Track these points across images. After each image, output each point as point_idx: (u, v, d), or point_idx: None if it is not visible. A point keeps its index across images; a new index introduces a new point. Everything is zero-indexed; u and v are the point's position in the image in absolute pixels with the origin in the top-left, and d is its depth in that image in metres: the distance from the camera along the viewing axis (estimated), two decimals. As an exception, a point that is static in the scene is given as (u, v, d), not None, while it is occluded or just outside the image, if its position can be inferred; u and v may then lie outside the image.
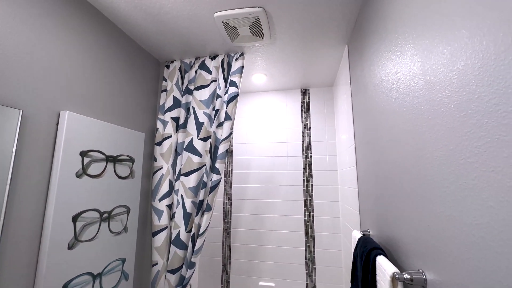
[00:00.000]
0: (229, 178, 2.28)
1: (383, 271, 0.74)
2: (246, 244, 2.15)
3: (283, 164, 2.20)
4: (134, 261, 1.40)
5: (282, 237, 2.10)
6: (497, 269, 0.41)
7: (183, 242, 1.47)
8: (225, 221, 2.23)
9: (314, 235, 2.05)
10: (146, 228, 1.57)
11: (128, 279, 1.35)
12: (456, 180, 0.51)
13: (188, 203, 1.50)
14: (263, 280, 2.07)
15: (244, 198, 2.22)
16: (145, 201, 1.57)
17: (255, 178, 2.23)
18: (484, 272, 0.44)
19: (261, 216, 2.16)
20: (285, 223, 2.11)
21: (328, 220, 2.05)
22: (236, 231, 2.19)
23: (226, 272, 2.15)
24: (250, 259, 2.12)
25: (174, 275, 1.45)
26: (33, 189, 0.93)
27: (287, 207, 2.13)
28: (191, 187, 1.52)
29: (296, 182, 2.15)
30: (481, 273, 0.44)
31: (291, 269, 2.04)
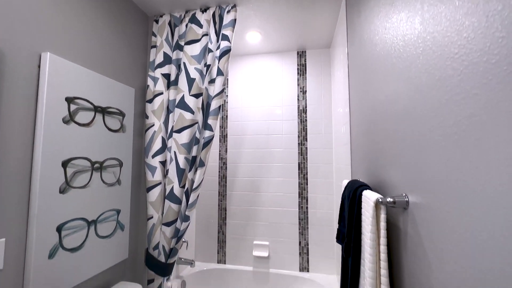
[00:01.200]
0: (224, 143, 2.28)
1: (368, 200, 0.75)
2: (241, 206, 2.20)
3: (278, 128, 2.19)
4: (129, 213, 1.43)
5: (276, 199, 2.14)
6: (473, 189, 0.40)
7: (177, 197, 1.50)
8: (221, 184, 2.26)
9: (308, 196, 2.09)
10: (141, 183, 1.59)
11: (124, 230, 1.38)
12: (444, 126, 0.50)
13: (181, 160, 1.50)
14: (258, 239, 2.14)
15: (239, 162, 2.24)
16: (138, 158, 1.57)
17: (250, 142, 2.23)
18: (460, 194, 0.43)
19: (256, 179, 2.19)
20: (280, 186, 2.14)
21: (322, 182, 2.07)
22: (231, 194, 2.23)
23: (222, 232, 2.22)
24: (245, 220, 2.18)
25: (169, 227, 1.49)
26: (19, 132, 0.92)
27: (282, 170, 2.15)
28: (183, 143, 1.51)
29: (291, 145, 2.15)
30: (457, 195, 0.44)
31: (285, 229, 2.10)
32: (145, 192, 1.59)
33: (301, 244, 2.07)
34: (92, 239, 1.18)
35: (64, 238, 1.05)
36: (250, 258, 2.14)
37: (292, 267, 2.07)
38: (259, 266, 2.11)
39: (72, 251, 1.08)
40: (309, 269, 2.04)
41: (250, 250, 2.14)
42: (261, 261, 2.11)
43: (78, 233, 1.11)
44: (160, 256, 1.49)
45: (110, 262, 1.28)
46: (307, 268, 2.04)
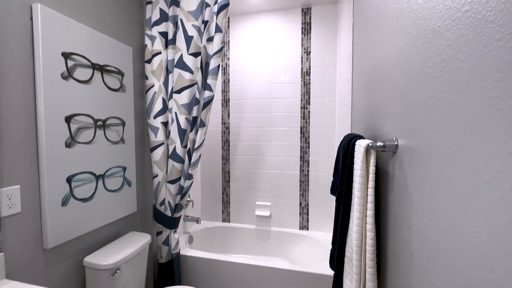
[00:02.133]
0: (227, 108, 2.28)
1: (359, 148, 0.76)
2: (244, 169, 2.26)
3: (280, 91, 2.15)
4: (135, 171, 1.50)
5: (278, 162, 2.18)
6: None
7: (179, 156, 1.55)
8: (224, 148, 2.30)
9: (309, 160, 2.12)
10: (144, 143, 1.64)
11: (131, 186, 1.47)
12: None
13: (182, 120, 1.52)
14: (260, 200, 2.24)
15: (242, 127, 2.25)
16: (140, 118, 1.60)
17: (253, 106, 2.22)
18: (439, 136, 0.43)
19: (258, 143, 2.22)
20: (281, 150, 2.17)
21: (324, 145, 2.08)
22: (234, 158, 2.28)
23: (226, 194, 2.32)
24: (248, 183, 2.26)
25: (173, 185, 1.56)
26: (20, 87, 0.94)
27: (284, 134, 2.16)
28: (184, 104, 1.52)
29: (293, 109, 2.13)
30: (437, 137, 0.44)
31: (286, 190, 2.18)
32: (149, 152, 1.65)
33: (301, 205, 2.15)
34: (101, 192, 1.26)
35: (75, 188, 1.12)
36: (253, 217, 2.26)
37: (293, 226, 2.18)
38: (261, 225, 2.23)
39: (83, 201, 1.16)
40: (308, 227, 2.15)
41: (253, 210, 2.26)
42: (263, 220, 2.23)
43: (88, 185, 1.18)
44: (167, 211, 1.59)
45: (119, 214, 1.38)
46: (306, 227, 2.15)
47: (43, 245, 1.02)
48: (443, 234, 0.44)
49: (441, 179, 0.45)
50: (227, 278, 1.68)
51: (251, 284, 1.63)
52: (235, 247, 2.24)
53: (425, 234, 0.51)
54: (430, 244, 0.49)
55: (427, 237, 0.50)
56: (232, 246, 2.25)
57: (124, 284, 1.23)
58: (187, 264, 1.75)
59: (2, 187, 0.88)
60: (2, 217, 0.89)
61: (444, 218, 0.43)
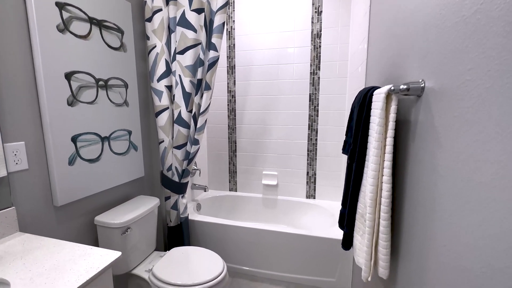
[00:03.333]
0: (232, 75, 2.19)
1: (378, 95, 0.69)
2: (251, 138, 2.23)
3: (289, 56, 2.04)
4: (140, 135, 1.47)
5: (286, 131, 2.13)
6: None
7: (185, 121, 1.51)
8: (230, 118, 2.25)
9: (318, 128, 2.06)
10: (149, 108, 1.60)
11: (138, 150, 1.45)
12: None
13: (187, 83, 1.46)
14: (267, 170, 2.23)
15: (248, 95, 2.17)
16: (143, 81, 1.54)
17: (259, 73, 2.12)
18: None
19: (265, 112, 2.15)
20: (289, 118, 2.11)
21: (333, 113, 2.01)
22: (240, 127, 2.24)
23: (233, 164, 2.32)
24: (254, 152, 2.24)
25: (180, 150, 1.55)
26: (15, 40, 0.89)
27: (292, 102, 2.08)
28: (188, 65, 1.45)
29: (302, 75, 2.03)
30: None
31: (293, 160, 2.15)
32: (154, 117, 1.61)
33: (308, 174, 2.13)
34: (108, 154, 1.25)
35: (81, 149, 1.11)
36: (260, 186, 2.26)
37: (299, 195, 2.18)
38: (268, 194, 2.24)
39: (90, 162, 1.15)
40: (315, 196, 2.15)
41: (260, 179, 2.25)
42: (270, 189, 2.24)
43: (93, 146, 1.17)
44: (174, 177, 1.59)
45: (127, 177, 1.39)
46: (313, 196, 2.15)
47: (54, 202, 1.03)
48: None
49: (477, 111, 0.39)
50: (234, 241, 1.72)
51: (258, 247, 1.67)
52: (242, 215, 2.28)
53: (452, 174, 0.46)
54: (458, 182, 0.44)
55: (455, 176, 0.45)
56: (239, 214, 2.29)
57: (136, 244, 1.27)
58: (196, 228, 1.79)
59: (6, 142, 0.87)
60: (10, 172, 0.88)
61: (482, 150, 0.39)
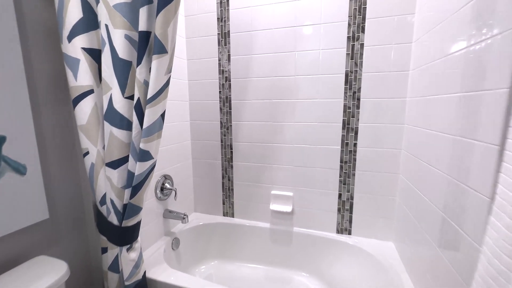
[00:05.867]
0: (226, 47, 1.45)
1: None
2: (253, 142, 1.50)
3: (312, 11, 1.28)
4: (35, 143, 0.77)
5: (306, 131, 1.38)
6: None
7: (121, 116, 0.80)
8: (223, 111, 1.53)
9: (358, 127, 1.30)
10: (63, 92, 0.89)
11: (28, 172, 0.76)
12: None
13: (120, 40, 0.74)
14: (278, 188, 1.50)
15: (250, 77, 1.44)
16: (48, 42, 0.83)
17: (266, 41, 1.38)
18: None
19: (274, 102, 1.41)
20: (311, 111, 1.36)
21: (385, 102, 1.24)
22: (238, 124, 1.51)
23: (228, 178, 1.60)
24: (259, 162, 1.51)
25: (116, 170, 0.84)
26: None
27: (316, 85, 1.33)
28: (119, 3, 0.72)
29: (334, 42, 1.27)
30: None
31: (318, 175, 1.41)
32: (72, 109, 0.91)
33: (341, 197, 1.39)
34: None
35: None
36: (267, 212, 1.54)
37: (327, 227, 1.44)
38: (279, 223, 1.51)
39: None
40: (351, 231, 1.40)
41: (267, 202, 1.53)
42: (282, 217, 1.51)
43: None
44: (111, 216, 0.89)
45: (2, 225, 0.70)
46: (348, 230, 1.41)
47: None
48: None
49: None
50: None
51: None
52: (241, 254, 1.57)
53: None
54: None
55: None
56: (237, 251, 1.57)
57: None
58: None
59: None
60: None
61: None
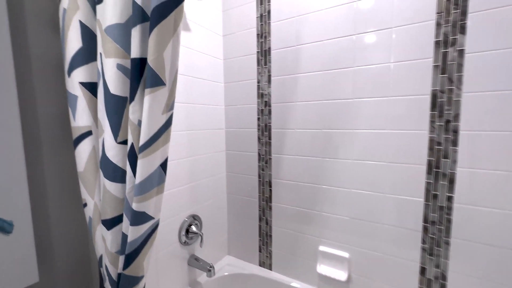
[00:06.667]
0: (265, 67, 1.23)
1: None
2: (298, 180, 1.19)
3: (381, 13, 0.94)
4: (27, 194, 0.66)
5: (370, 172, 1.01)
6: None
7: (114, 166, 0.62)
8: (261, 141, 1.28)
9: (456, 173, 0.86)
10: (67, 134, 0.79)
11: (15, 229, 0.64)
12: None
13: (111, 72, 0.58)
14: (328, 244, 1.14)
15: (293, 101, 1.17)
16: (52, 76, 0.74)
17: (315, 55, 1.10)
18: None
19: (325, 132, 1.10)
20: (378, 146, 0.99)
21: (505, 137, 0.79)
22: (280, 158, 1.24)
23: (266, 221, 1.32)
24: (304, 206, 1.19)
25: (110, 231, 0.66)
26: None
27: (384, 110, 0.96)
28: (110, 25, 0.57)
29: (414, 50, 0.90)
30: None
31: (387, 234, 1.00)
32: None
33: (425, 274, 0.94)
34: None
35: None
36: (313, 273, 1.19)
37: (401, 311, 1.00)
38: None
39: None
40: (443, 326, 0.93)
41: (313, 260, 1.18)
42: (334, 284, 1.13)
43: None
44: (107, 284, 0.72)
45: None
46: (437, 323, 0.94)
47: None
48: None
49: None
50: None
51: None
52: (279, 320, 1.24)
53: None
54: None
55: None
56: (274, 317, 1.25)
57: None
58: None
59: None
60: None
61: None
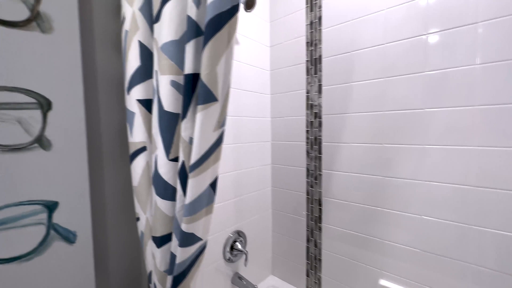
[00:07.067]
0: (315, 76, 1.15)
1: None
2: (354, 200, 1.06)
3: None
4: (89, 206, 0.69)
5: (450, 197, 0.83)
6: None
7: (165, 183, 0.61)
8: (310, 155, 1.19)
9: None
10: (126, 149, 0.82)
11: (76, 241, 0.67)
12: None
13: (165, 89, 0.58)
14: (391, 278, 0.97)
15: (348, 112, 1.06)
16: (114, 96, 0.78)
17: (372, 66, 0.98)
18: None
19: (386, 147, 0.96)
20: (454, 164, 0.81)
21: None
22: (331, 175, 1.12)
23: (315, 243, 1.20)
24: (360, 231, 1.05)
25: (160, 249, 0.65)
26: None
27: (470, 119, 0.79)
28: (166, 42, 0.57)
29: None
30: None
31: (479, 277, 0.80)
32: (130, 166, 0.81)
33: (534, 333, 0.71)
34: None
35: None
36: (372, 309, 1.02)
37: None
38: (394, 335, 0.96)
39: None
40: None
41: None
42: (399, 327, 0.95)
43: None
44: (154, 301, 0.70)
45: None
46: None
47: None
48: None
49: None
50: None
51: None
52: None
53: None
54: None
55: None
56: None
57: None
58: None
59: None
60: None
61: None
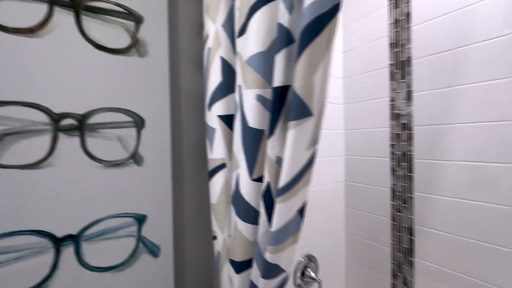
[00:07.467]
0: (403, 82, 0.98)
1: None
2: (461, 234, 0.83)
3: None
4: (171, 223, 0.71)
5: None
6: None
7: (247, 205, 0.57)
8: (397, 173, 1.01)
9: None
10: (203, 165, 0.82)
11: (160, 255, 0.69)
12: None
13: (251, 104, 0.54)
14: None
15: (450, 122, 0.86)
16: (194, 113, 0.80)
17: (489, 64, 0.77)
18: None
19: (499, 167, 0.72)
20: None
21: None
22: (427, 199, 0.92)
23: (403, 280, 0.99)
24: (474, 275, 0.81)
25: (237, 275, 0.60)
26: None
27: None
28: (252, 55, 0.54)
29: None
30: None
31: None
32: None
33: None
34: (70, 274, 0.57)
35: (-11, 271, 0.49)
36: None
37: None
38: None
39: (12, 299, 0.51)
40: None
41: None
42: None
43: (29, 261, 0.53)
44: (230, 329, 0.66)
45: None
46: None
47: None
48: None
49: None
50: None
51: None
52: None
53: None
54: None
55: None
56: None
57: None
58: None
59: None
60: None
61: None
